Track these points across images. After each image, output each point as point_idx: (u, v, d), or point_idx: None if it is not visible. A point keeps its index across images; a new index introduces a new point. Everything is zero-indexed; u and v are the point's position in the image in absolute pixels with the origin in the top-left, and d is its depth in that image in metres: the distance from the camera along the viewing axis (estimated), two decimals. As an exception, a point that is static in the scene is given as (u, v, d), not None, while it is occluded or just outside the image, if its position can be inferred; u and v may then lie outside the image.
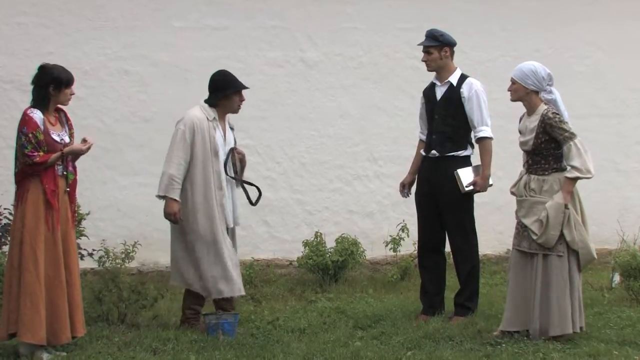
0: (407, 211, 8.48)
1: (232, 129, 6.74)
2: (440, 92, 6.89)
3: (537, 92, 6.17)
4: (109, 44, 8.45)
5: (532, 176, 6.17)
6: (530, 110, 6.20)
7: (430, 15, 8.89)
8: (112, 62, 8.46)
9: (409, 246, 8.32)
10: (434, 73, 6.96)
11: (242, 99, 6.65)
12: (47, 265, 5.72)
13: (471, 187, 6.72)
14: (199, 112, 6.53)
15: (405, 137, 8.90)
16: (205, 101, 6.62)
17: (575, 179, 6.09)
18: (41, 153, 5.69)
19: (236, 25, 8.75)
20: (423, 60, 6.90)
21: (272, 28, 8.86)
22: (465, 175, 6.71)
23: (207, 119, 6.50)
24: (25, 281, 5.66)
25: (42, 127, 5.72)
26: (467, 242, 6.86)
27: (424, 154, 7.00)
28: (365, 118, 9.10)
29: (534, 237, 6.05)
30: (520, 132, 6.29)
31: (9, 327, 5.74)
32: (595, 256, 6.20)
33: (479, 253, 6.99)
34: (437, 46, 6.79)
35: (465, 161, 6.83)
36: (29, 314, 5.64)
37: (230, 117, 6.74)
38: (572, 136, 6.06)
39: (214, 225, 6.41)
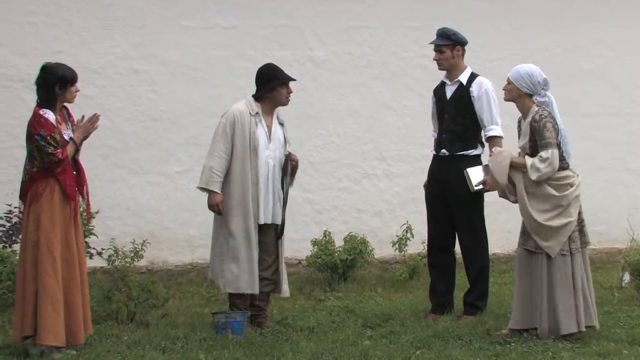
0: (416, 210, 8.49)
1: (281, 124, 6.69)
2: (450, 91, 6.88)
3: (530, 95, 6.15)
4: (118, 43, 8.46)
5: None
6: (524, 113, 6.20)
7: (440, 13, 8.88)
8: (121, 61, 8.48)
9: (418, 245, 8.31)
10: (443, 72, 6.95)
11: (289, 91, 6.61)
12: (62, 267, 5.73)
13: (481, 186, 6.71)
14: (243, 106, 6.53)
15: (414, 136, 8.90)
16: (253, 95, 6.61)
17: (526, 167, 6.02)
18: (60, 150, 5.72)
19: (245, 24, 8.76)
20: (435, 59, 6.88)
21: (280, 27, 8.86)
22: (475, 175, 6.70)
23: (250, 113, 6.49)
24: (45, 284, 5.65)
25: (56, 127, 5.75)
26: (477, 241, 6.85)
27: (434, 152, 6.99)
28: (374, 117, 9.09)
29: (512, 200, 6.13)
30: (519, 135, 6.30)
31: (23, 330, 5.72)
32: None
33: (488, 252, 6.98)
34: (450, 45, 6.78)
35: (476, 160, 6.82)
36: (51, 318, 5.63)
37: (280, 113, 6.71)
38: (548, 145, 5.99)
39: (247, 221, 6.42)
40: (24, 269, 5.74)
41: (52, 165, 5.70)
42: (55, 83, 5.78)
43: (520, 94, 6.14)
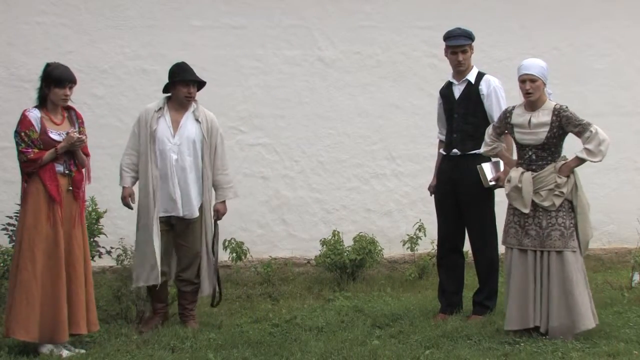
0: (425, 210, 8.48)
1: (198, 121, 6.69)
2: (458, 90, 6.87)
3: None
4: (128, 42, 8.49)
5: (534, 174, 6.15)
6: (536, 105, 6.16)
7: (449, 13, 8.87)
8: (131, 61, 8.50)
9: (427, 245, 8.31)
10: (450, 71, 6.93)
11: (189, 92, 6.64)
12: (47, 264, 5.73)
13: (494, 183, 6.68)
14: (152, 104, 6.70)
15: (423, 136, 8.89)
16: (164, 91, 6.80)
17: (583, 161, 6.06)
18: (35, 150, 5.72)
19: (254, 24, 8.77)
20: (459, 60, 6.77)
21: (290, 27, 8.87)
22: (489, 171, 6.68)
23: (154, 109, 6.64)
24: (22, 279, 5.69)
25: (37, 126, 5.76)
26: (487, 240, 6.83)
27: (444, 153, 6.97)
28: (383, 117, 9.09)
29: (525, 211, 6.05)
30: (518, 126, 6.23)
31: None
32: (592, 234, 6.18)
33: (498, 252, 6.97)
34: (470, 44, 6.80)
35: (487, 159, 6.80)
36: (24, 312, 5.67)
37: (201, 110, 6.73)
38: (589, 123, 6.07)
39: (149, 213, 6.50)
40: (15, 266, 5.79)
41: (22, 164, 5.73)
42: (43, 80, 5.86)
43: (544, 87, 6.16)
